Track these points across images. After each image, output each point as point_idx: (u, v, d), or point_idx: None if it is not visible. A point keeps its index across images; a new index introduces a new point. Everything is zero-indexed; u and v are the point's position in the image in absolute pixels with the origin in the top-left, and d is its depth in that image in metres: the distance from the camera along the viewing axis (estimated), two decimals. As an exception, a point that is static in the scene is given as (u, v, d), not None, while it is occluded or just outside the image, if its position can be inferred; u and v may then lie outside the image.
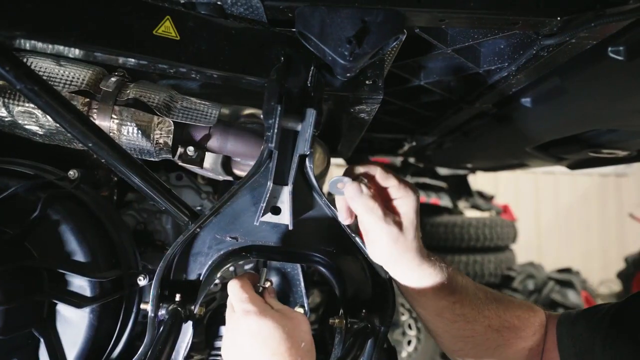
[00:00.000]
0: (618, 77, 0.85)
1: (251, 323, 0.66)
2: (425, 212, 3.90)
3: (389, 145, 2.29)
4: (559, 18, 0.71)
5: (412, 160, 3.10)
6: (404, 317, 3.38)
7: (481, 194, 4.60)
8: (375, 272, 0.84)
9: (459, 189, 4.36)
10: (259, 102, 0.99)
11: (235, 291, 0.71)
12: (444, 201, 3.94)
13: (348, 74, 0.75)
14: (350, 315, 0.85)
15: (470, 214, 4.32)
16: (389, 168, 0.78)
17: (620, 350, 0.70)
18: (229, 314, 0.72)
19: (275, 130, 0.70)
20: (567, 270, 4.98)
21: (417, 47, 1.05)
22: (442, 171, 4.02)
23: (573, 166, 1.60)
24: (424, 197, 3.82)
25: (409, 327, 3.39)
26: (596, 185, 7.33)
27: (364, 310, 0.84)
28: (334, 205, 0.80)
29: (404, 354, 3.23)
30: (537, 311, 0.88)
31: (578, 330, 0.80)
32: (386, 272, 0.81)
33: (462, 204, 4.38)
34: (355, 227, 0.81)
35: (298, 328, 0.68)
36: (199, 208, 1.23)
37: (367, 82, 0.81)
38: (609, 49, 0.79)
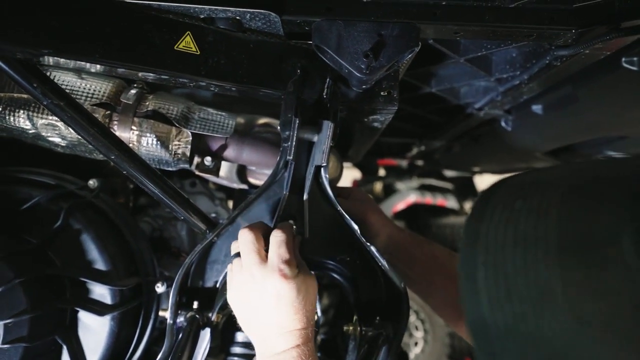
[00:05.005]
0: (632, 87, 0.85)
1: (282, 286, 0.63)
2: (431, 213, 3.90)
3: (398, 148, 2.30)
4: (573, 30, 0.72)
5: (419, 163, 3.11)
6: (411, 319, 3.39)
7: (487, 195, 4.59)
8: (389, 280, 0.85)
9: (465, 190, 4.35)
10: (272, 111, 1.01)
11: (277, 247, 0.66)
12: (451, 202, 3.93)
13: (364, 86, 0.76)
14: (364, 322, 0.86)
15: (477, 215, 4.30)
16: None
17: None
18: (247, 264, 0.66)
19: (293, 142, 0.71)
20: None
21: (429, 56, 1.05)
22: (448, 173, 4.02)
23: (583, 170, 1.59)
24: (430, 199, 3.81)
25: (416, 328, 3.39)
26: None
27: (377, 318, 0.85)
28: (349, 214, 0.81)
29: (411, 356, 3.24)
30: None
31: None
32: (401, 280, 0.82)
33: (468, 205, 4.37)
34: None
35: (312, 291, 0.68)
36: (213, 215, 1.25)
37: (382, 93, 0.81)
38: (623, 59, 0.79)
